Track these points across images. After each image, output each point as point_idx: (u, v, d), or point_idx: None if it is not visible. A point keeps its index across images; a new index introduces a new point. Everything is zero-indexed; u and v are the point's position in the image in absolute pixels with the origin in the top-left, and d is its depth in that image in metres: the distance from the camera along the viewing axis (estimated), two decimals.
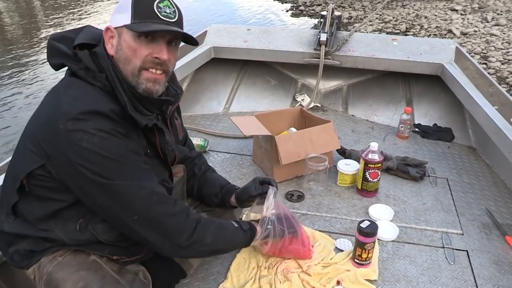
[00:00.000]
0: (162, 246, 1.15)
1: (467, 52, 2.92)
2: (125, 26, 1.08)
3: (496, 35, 6.61)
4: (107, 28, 1.11)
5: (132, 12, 1.07)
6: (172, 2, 1.13)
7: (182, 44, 1.19)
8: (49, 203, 1.12)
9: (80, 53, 1.10)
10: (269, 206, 1.34)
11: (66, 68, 1.14)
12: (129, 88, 1.11)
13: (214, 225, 1.25)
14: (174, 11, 1.11)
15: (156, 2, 1.08)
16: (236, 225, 1.30)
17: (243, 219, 1.55)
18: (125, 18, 1.08)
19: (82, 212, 1.13)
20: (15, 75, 6.12)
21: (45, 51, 1.17)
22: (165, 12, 1.09)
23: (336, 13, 2.90)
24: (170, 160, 1.30)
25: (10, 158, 1.25)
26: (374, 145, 1.86)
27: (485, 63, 5.63)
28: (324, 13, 2.87)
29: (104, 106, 1.05)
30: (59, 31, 1.26)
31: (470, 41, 6.47)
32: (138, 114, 1.12)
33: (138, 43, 1.08)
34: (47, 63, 1.15)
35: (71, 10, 10.42)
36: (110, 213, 1.10)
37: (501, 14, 7.73)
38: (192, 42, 1.18)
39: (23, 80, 5.88)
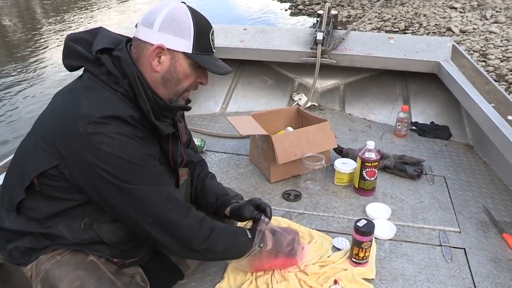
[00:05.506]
0: (174, 249, 1.19)
1: (464, 50, 2.91)
2: (186, 54, 1.12)
3: (495, 33, 6.59)
4: (160, 47, 1.10)
5: (194, 43, 1.12)
6: None
7: None
8: (58, 202, 1.12)
9: (104, 58, 1.10)
10: (259, 238, 1.33)
11: (76, 70, 1.15)
12: (153, 96, 1.12)
13: (228, 235, 1.27)
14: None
15: (210, 35, 1.16)
16: (250, 236, 1.32)
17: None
18: (185, 45, 1.11)
19: (89, 211, 1.14)
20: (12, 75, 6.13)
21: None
22: (214, 43, 1.18)
23: (333, 12, 2.90)
24: (178, 164, 1.31)
25: (9, 158, 1.25)
26: (370, 144, 1.85)
27: (484, 61, 5.61)
28: (320, 12, 2.87)
29: (124, 111, 1.07)
30: (74, 31, 1.24)
31: (469, 39, 6.45)
32: (159, 122, 1.15)
33: (192, 70, 1.16)
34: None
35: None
36: (124, 215, 1.11)
37: (500, 12, 7.71)
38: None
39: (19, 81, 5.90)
